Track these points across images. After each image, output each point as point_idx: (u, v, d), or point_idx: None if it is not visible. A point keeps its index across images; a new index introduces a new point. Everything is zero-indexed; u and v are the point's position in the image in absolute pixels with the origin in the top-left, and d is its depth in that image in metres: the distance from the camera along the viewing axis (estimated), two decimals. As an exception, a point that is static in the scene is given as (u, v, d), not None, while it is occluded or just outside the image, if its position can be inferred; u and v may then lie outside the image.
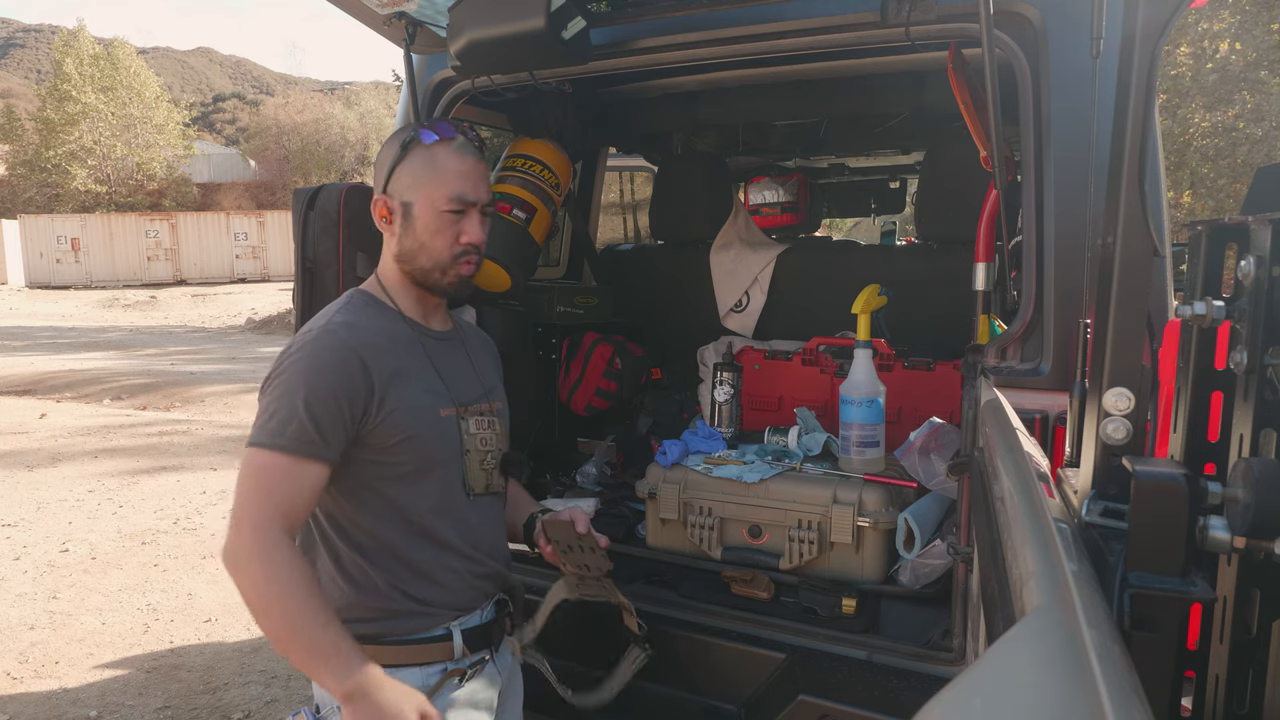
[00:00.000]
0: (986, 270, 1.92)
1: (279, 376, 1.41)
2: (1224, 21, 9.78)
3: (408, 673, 1.46)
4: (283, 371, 1.41)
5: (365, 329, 1.46)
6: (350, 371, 1.40)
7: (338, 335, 1.43)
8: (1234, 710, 0.81)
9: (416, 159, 1.50)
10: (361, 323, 1.47)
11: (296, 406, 1.36)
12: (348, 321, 1.46)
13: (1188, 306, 0.80)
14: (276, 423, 1.36)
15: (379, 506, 1.47)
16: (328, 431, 1.37)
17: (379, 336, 1.47)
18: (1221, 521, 0.72)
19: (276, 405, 1.38)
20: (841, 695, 1.73)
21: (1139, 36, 0.83)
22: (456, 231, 1.51)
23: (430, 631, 1.50)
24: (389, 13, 1.97)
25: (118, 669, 3.56)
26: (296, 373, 1.39)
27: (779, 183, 4.21)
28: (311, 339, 1.43)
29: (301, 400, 1.36)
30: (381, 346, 1.46)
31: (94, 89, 34.80)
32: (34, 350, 14.08)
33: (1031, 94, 1.66)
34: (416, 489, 1.49)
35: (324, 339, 1.42)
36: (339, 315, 1.48)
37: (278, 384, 1.40)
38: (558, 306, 2.67)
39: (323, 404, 1.37)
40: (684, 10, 1.93)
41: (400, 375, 1.46)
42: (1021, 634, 0.51)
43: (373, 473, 1.46)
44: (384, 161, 1.53)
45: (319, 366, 1.39)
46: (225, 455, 7.02)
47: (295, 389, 1.37)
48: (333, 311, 1.49)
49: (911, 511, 1.86)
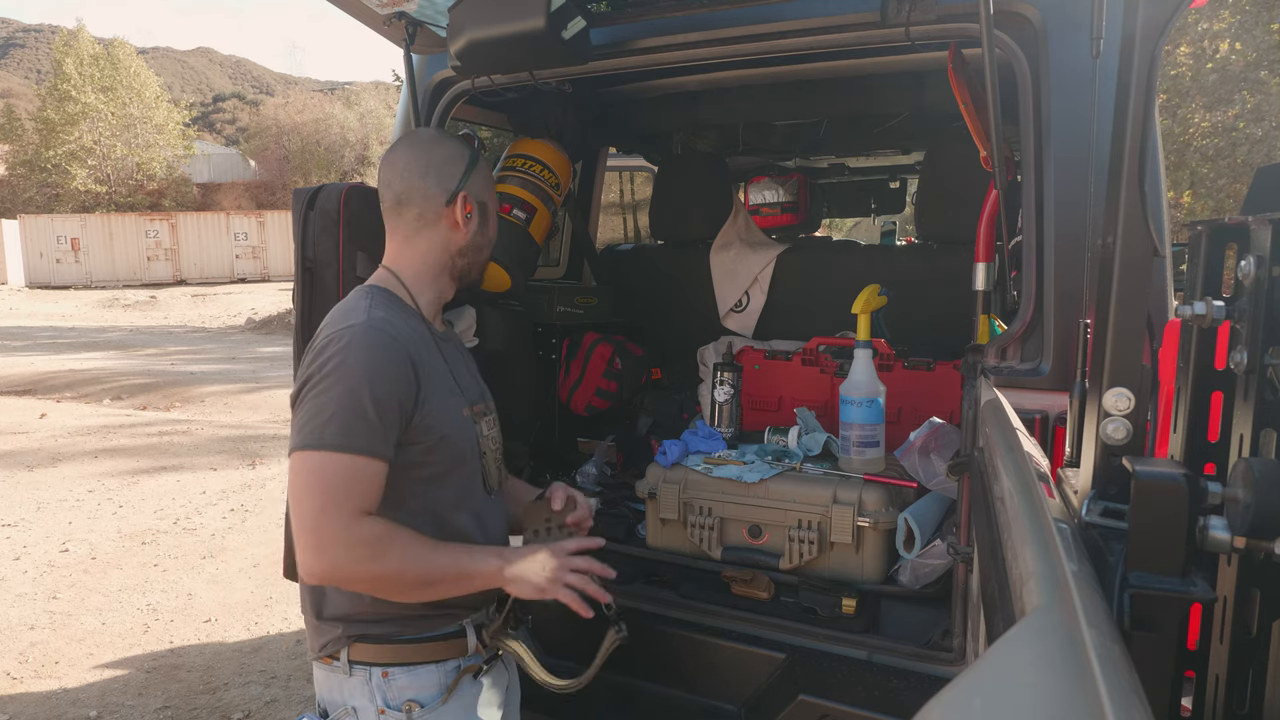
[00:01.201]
0: (986, 270, 1.92)
1: (329, 377, 1.36)
2: (1224, 21, 9.78)
3: (425, 670, 1.47)
4: (333, 371, 1.36)
5: (401, 326, 1.45)
6: (404, 369, 1.40)
7: (386, 332, 1.40)
8: (1234, 710, 0.81)
9: (482, 166, 1.60)
10: (396, 320, 1.45)
11: (363, 406, 1.34)
12: (387, 318, 1.44)
13: (1188, 306, 0.80)
14: (339, 423, 1.33)
15: (414, 506, 1.46)
16: (390, 429, 1.37)
17: (412, 334, 1.47)
18: (1221, 521, 0.72)
19: (335, 406, 1.34)
20: (841, 695, 1.73)
21: (1139, 36, 0.83)
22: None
23: (445, 629, 1.50)
24: (389, 13, 1.97)
25: (118, 669, 3.56)
26: (352, 370, 1.35)
27: (779, 183, 4.21)
28: (359, 335, 1.38)
29: (368, 399, 1.34)
30: (417, 344, 1.46)
31: (94, 89, 34.79)
32: (34, 350, 14.08)
33: (1031, 94, 1.66)
34: (446, 488, 1.50)
35: (373, 336, 1.39)
36: (376, 310, 1.44)
37: (330, 383, 1.35)
38: (558, 306, 2.67)
39: (386, 401, 1.36)
40: (684, 10, 1.93)
41: (432, 375, 1.47)
42: (1021, 634, 0.51)
43: (408, 473, 1.44)
44: (456, 160, 1.55)
45: (377, 364, 1.37)
46: (225, 455, 7.02)
47: (356, 387, 1.34)
48: (366, 307, 1.45)
49: (911, 511, 1.86)
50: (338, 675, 1.48)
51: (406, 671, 1.46)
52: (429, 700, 1.46)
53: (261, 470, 6.56)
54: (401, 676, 1.46)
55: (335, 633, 1.47)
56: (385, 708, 1.45)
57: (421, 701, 1.46)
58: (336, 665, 1.47)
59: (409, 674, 1.46)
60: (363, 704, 1.46)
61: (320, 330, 1.45)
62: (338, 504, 1.32)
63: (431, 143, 1.59)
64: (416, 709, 1.45)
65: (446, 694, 1.47)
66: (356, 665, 1.46)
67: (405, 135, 1.67)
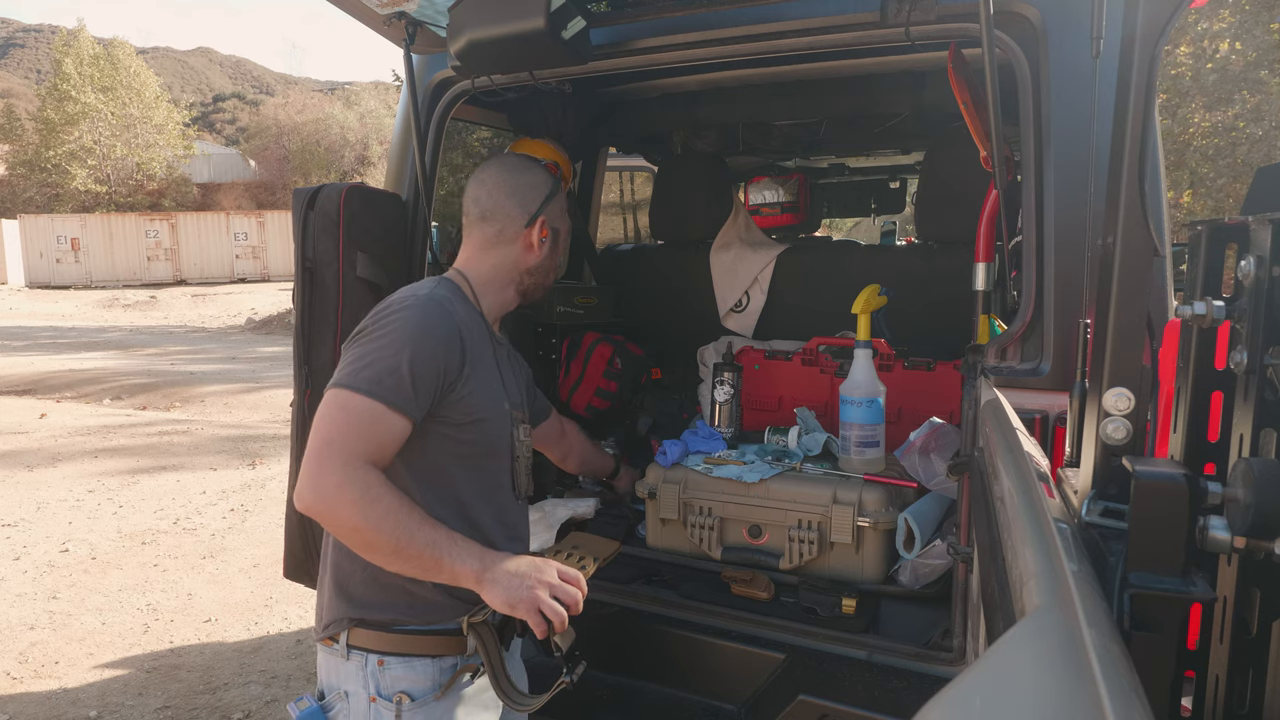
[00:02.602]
0: (986, 270, 1.92)
1: (380, 329, 1.43)
2: (1224, 21, 9.78)
3: (420, 663, 1.47)
4: (385, 326, 1.43)
5: (461, 310, 1.54)
6: (452, 341, 1.46)
7: (444, 306, 1.49)
8: (1234, 710, 0.81)
9: (560, 194, 1.71)
10: (458, 304, 1.55)
11: (400, 361, 1.39)
12: (448, 296, 1.53)
13: (1188, 306, 0.80)
14: (374, 371, 1.38)
15: (440, 487, 1.49)
16: (421, 391, 1.41)
17: (470, 321, 1.55)
18: (1221, 521, 0.72)
19: (376, 355, 1.40)
20: (841, 695, 1.73)
21: (1139, 36, 0.83)
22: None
23: (446, 624, 1.51)
24: (389, 13, 1.97)
25: (118, 669, 3.56)
26: (402, 329, 1.42)
27: (779, 183, 4.21)
28: (419, 304, 1.47)
29: (407, 357, 1.39)
30: (472, 330, 1.53)
31: (94, 89, 34.79)
32: (34, 350, 14.08)
33: (1031, 94, 1.66)
34: (474, 475, 1.54)
35: (431, 307, 1.47)
36: (439, 289, 1.54)
37: (378, 336, 1.42)
38: (558, 306, 2.67)
39: (424, 364, 1.41)
40: (684, 10, 1.93)
41: (480, 360, 1.53)
42: (1021, 634, 0.51)
43: (441, 447, 1.49)
44: (540, 186, 1.67)
45: (426, 327, 1.44)
46: (225, 455, 7.02)
47: (400, 344, 1.40)
48: (431, 286, 1.56)
49: (911, 511, 1.86)
50: (336, 658, 1.49)
51: (402, 662, 1.46)
52: (421, 694, 1.47)
53: (261, 470, 6.56)
54: (396, 666, 1.46)
55: (337, 614, 1.49)
56: (376, 695, 1.46)
57: (413, 694, 1.46)
58: (335, 648, 1.49)
59: (404, 665, 1.46)
60: (355, 689, 1.47)
61: (387, 300, 1.53)
62: (346, 441, 1.35)
63: (521, 168, 1.70)
64: (406, 701, 1.45)
65: (440, 691, 1.48)
66: (354, 650, 1.47)
67: (498, 156, 1.79)
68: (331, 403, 1.38)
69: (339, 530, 1.37)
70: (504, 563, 1.40)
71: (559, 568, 1.45)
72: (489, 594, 1.38)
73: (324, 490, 1.33)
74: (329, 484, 1.32)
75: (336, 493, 1.32)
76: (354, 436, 1.35)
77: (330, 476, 1.32)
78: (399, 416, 1.38)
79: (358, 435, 1.35)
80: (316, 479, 1.33)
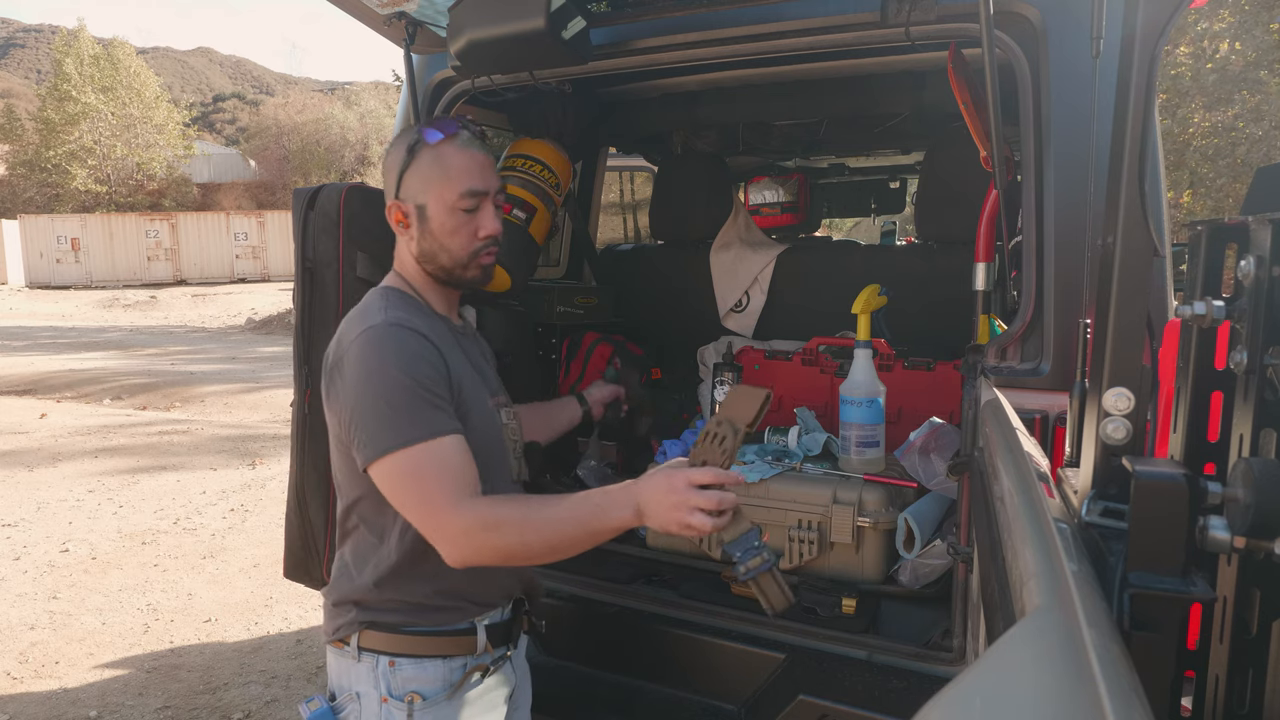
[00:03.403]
0: (986, 270, 1.92)
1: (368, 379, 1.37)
2: (1224, 21, 9.78)
3: (431, 664, 1.47)
4: (370, 373, 1.37)
5: (419, 322, 1.45)
6: (433, 355, 1.41)
7: (405, 326, 1.41)
8: (1234, 710, 0.81)
9: (424, 161, 1.50)
10: (411, 319, 1.45)
11: (412, 392, 1.35)
12: (404, 315, 1.44)
13: (1188, 306, 0.80)
14: (402, 417, 1.35)
15: None
16: (446, 403, 1.39)
17: (431, 330, 1.47)
18: (1221, 521, 0.72)
19: (388, 405, 1.35)
20: (841, 695, 1.73)
21: (1139, 36, 0.83)
22: (474, 227, 1.52)
23: (455, 625, 1.51)
24: (389, 13, 1.97)
25: (118, 669, 3.56)
26: (387, 366, 1.37)
27: (779, 183, 4.21)
28: (380, 332, 1.39)
29: (413, 384, 1.36)
30: (438, 339, 1.46)
31: (94, 89, 34.80)
32: (34, 350, 14.08)
33: (1031, 94, 1.66)
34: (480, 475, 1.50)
35: (395, 331, 1.40)
36: (390, 312, 1.44)
37: (372, 386, 1.37)
38: (558, 306, 2.67)
39: (431, 380, 1.38)
40: (684, 10, 1.93)
41: (457, 363, 1.48)
42: (1021, 634, 0.51)
43: None
44: (392, 167, 1.53)
45: (409, 353, 1.38)
46: (225, 455, 7.02)
47: (398, 379, 1.36)
48: (382, 308, 1.46)
49: (911, 511, 1.86)
50: (347, 660, 1.49)
51: (413, 663, 1.46)
52: (432, 694, 1.47)
53: (261, 470, 6.56)
54: (408, 667, 1.46)
55: (347, 617, 1.49)
56: (388, 696, 1.45)
57: (424, 694, 1.46)
58: (346, 650, 1.49)
59: (415, 665, 1.46)
60: (367, 690, 1.47)
61: (340, 337, 1.46)
62: (443, 494, 1.34)
63: (388, 149, 1.56)
64: (418, 700, 1.45)
65: (451, 690, 1.48)
66: (365, 652, 1.47)
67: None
68: (398, 471, 1.35)
69: (500, 562, 1.39)
70: (644, 492, 1.33)
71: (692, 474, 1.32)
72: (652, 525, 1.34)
73: (459, 543, 1.35)
74: (458, 535, 1.34)
75: (469, 540, 1.34)
76: (445, 487, 1.34)
77: (453, 529, 1.34)
78: (448, 437, 1.37)
79: (443, 483, 1.34)
80: (446, 537, 1.35)
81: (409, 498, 1.37)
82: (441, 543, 1.36)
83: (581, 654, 2.05)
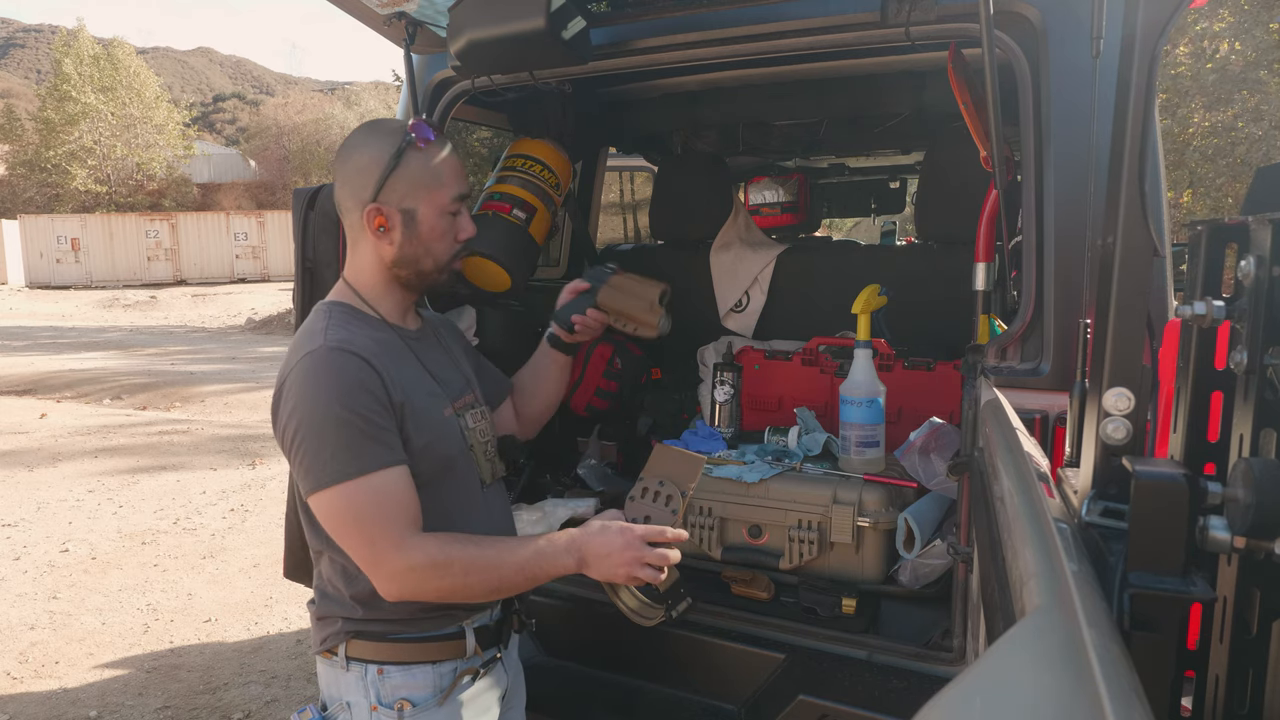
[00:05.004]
0: (986, 270, 1.92)
1: (308, 410, 1.34)
2: (1224, 21, 9.78)
3: (420, 670, 1.47)
4: (310, 404, 1.34)
5: (361, 343, 1.40)
6: (374, 385, 1.36)
7: (344, 350, 1.36)
8: (1234, 710, 0.81)
9: (413, 164, 1.46)
10: (355, 337, 1.40)
11: (351, 423, 1.32)
12: (345, 337, 1.39)
13: (1188, 306, 0.80)
14: (341, 450, 1.32)
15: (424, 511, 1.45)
16: (388, 433, 1.37)
17: (377, 347, 1.42)
18: (1221, 521, 0.72)
19: (325, 438, 1.32)
20: (841, 695, 1.73)
21: (1139, 36, 0.83)
22: (455, 230, 1.53)
23: (443, 630, 1.50)
24: (389, 13, 1.97)
25: (118, 669, 3.56)
26: (327, 396, 1.33)
27: (779, 183, 4.22)
28: (320, 360, 1.35)
29: (353, 414, 1.32)
30: (384, 357, 1.41)
31: (94, 89, 34.80)
32: (34, 350, 14.08)
33: (1031, 94, 1.66)
34: (439, 492, 1.47)
35: (334, 357, 1.35)
36: (332, 333, 1.39)
37: (313, 417, 1.34)
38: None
39: (371, 410, 1.34)
40: (684, 10, 1.93)
41: (406, 384, 1.43)
42: (1021, 634, 0.51)
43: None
44: (368, 168, 1.46)
45: (348, 380, 1.34)
46: (225, 455, 7.02)
47: (336, 411, 1.32)
48: (323, 329, 1.40)
49: (911, 511, 1.86)
50: (336, 670, 1.49)
51: (402, 670, 1.46)
52: (422, 700, 1.46)
53: (261, 470, 6.56)
54: (396, 675, 1.46)
55: (334, 628, 1.48)
56: (378, 704, 1.45)
57: (414, 701, 1.46)
58: (335, 660, 1.48)
59: (404, 673, 1.46)
60: (357, 699, 1.46)
61: (286, 358, 1.43)
62: (384, 531, 1.34)
63: (354, 148, 1.49)
64: (408, 708, 1.45)
65: (442, 696, 1.47)
66: (353, 661, 1.46)
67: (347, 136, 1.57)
68: (337, 507, 1.34)
69: (437, 599, 1.42)
70: (591, 545, 1.42)
71: (644, 531, 1.44)
72: (592, 575, 1.44)
73: (400, 579, 1.36)
74: (400, 572, 1.35)
75: (412, 577, 1.35)
76: (384, 522, 1.34)
77: (394, 565, 1.35)
78: (393, 469, 1.35)
79: (383, 518, 1.34)
80: (386, 574, 1.36)
81: (347, 532, 1.36)
82: (380, 579, 1.36)
83: (580, 654, 2.05)
